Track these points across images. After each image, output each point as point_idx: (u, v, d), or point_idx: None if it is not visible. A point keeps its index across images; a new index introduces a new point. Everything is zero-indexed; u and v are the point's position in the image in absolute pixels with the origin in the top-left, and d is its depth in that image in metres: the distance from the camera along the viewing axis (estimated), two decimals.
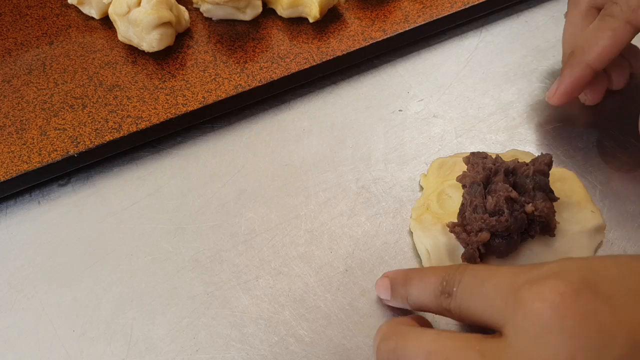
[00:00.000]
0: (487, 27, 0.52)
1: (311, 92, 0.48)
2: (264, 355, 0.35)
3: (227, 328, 0.36)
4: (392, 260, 0.38)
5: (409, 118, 0.46)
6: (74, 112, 0.44)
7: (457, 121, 0.46)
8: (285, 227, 0.40)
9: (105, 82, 0.46)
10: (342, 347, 0.35)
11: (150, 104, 0.44)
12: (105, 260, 0.39)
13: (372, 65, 0.49)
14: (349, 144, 0.44)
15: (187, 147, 0.45)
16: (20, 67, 0.47)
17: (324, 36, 0.48)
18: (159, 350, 0.35)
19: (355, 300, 0.37)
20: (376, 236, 0.40)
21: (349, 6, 0.51)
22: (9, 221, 0.41)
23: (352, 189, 0.42)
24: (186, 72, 0.47)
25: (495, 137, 0.44)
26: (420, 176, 0.42)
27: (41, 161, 0.41)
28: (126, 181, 0.43)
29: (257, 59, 0.47)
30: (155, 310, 0.37)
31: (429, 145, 0.44)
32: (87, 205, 0.42)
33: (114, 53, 0.48)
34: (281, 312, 0.37)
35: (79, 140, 0.42)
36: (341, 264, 0.38)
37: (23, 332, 0.36)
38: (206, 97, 0.45)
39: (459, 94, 0.47)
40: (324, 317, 0.36)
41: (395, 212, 0.41)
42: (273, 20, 0.50)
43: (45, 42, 0.49)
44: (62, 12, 0.52)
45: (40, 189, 0.42)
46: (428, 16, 0.49)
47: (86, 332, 0.36)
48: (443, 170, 0.41)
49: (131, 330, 0.36)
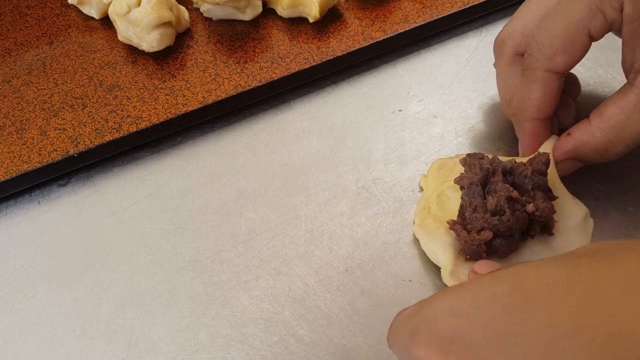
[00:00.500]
0: (487, 27, 0.52)
1: (311, 92, 0.48)
2: (264, 355, 0.35)
3: (227, 328, 0.36)
4: (392, 260, 0.38)
5: (409, 118, 0.46)
6: (74, 112, 0.44)
7: (457, 121, 0.46)
8: (285, 227, 0.40)
9: (105, 82, 0.46)
10: (342, 347, 0.35)
11: (150, 104, 0.44)
12: (105, 260, 0.39)
13: (372, 65, 0.49)
14: (349, 144, 0.44)
15: (187, 147, 0.45)
16: (20, 67, 0.47)
17: (324, 36, 0.48)
18: (159, 350, 0.35)
19: (355, 300, 0.37)
20: (376, 236, 0.40)
21: (349, 6, 0.51)
22: (9, 221, 0.41)
23: (352, 189, 0.42)
24: (186, 72, 0.47)
25: (495, 137, 0.44)
26: (420, 177, 0.42)
27: (41, 161, 0.41)
28: (126, 181, 0.43)
29: (257, 59, 0.47)
30: (155, 310, 0.37)
31: (429, 145, 0.44)
32: (87, 205, 0.42)
33: (114, 53, 0.48)
34: (281, 312, 0.37)
35: (79, 140, 0.42)
36: (341, 264, 0.38)
37: (23, 332, 0.36)
38: (206, 97, 0.45)
39: (459, 94, 0.47)
40: (324, 317, 0.36)
41: (395, 212, 0.41)
42: (273, 20, 0.50)
43: (45, 42, 0.49)
44: (62, 12, 0.52)
45: (40, 189, 0.42)
46: (428, 16, 0.49)
47: (86, 332, 0.36)
48: (443, 171, 0.41)
49: (131, 330, 0.36)
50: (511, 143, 0.44)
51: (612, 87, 0.47)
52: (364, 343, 0.35)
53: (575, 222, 0.38)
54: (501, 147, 0.44)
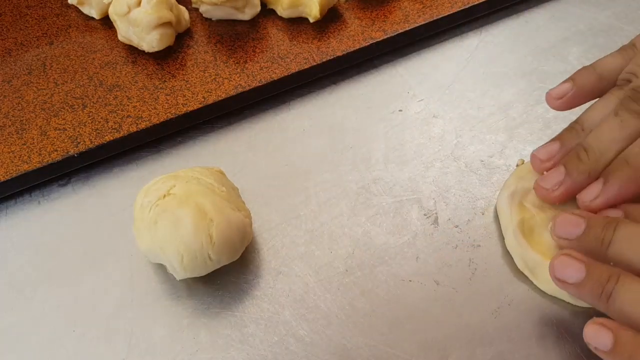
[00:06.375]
0: (487, 27, 0.52)
1: (311, 92, 0.48)
2: (264, 355, 0.35)
3: (227, 328, 0.36)
4: (392, 260, 0.38)
5: (409, 118, 0.46)
6: (74, 112, 0.44)
7: (457, 121, 0.46)
8: (285, 227, 0.40)
9: (105, 82, 0.46)
10: (342, 347, 0.35)
11: (150, 104, 0.44)
12: (105, 260, 0.39)
13: (372, 65, 0.49)
14: (349, 144, 0.44)
15: (187, 147, 0.45)
16: (20, 67, 0.47)
17: (324, 36, 0.48)
18: (159, 350, 0.35)
19: (355, 300, 0.37)
20: (376, 236, 0.40)
21: (349, 6, 0.51)
22: (9, 221, 0.41)
23: (352, 189, 0.42)
24: (186, 72, 0.47)
25: (495, 137, 0.44)
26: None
27: (41, 161, 0.41)
28: (126, 181, 0.43)
29: (257, 59, 0.47)
30: (155, 310, 0.37)
31: (429, 145, 0.44)
32: (87, 205, 0.42)
33: (114, 53, 0.48)
34: (281, 312, 0.37)
35: (79, 140, 0.42)
36: (341, 264, 0.38)
37: (23, 332, 0.36)
38: (206, 97, 0.45)
39: (459, 94, 0.47)
40: (324, 317, 0.36)
41: (395, 212, 0.41)
42: (273, 20, 0.50)
43: (45, 42, 0.49)
44: (62, 12, 0.52)
45: (40, 189, 0.42)
46: (428, 16, 0.49)
47: (86, 332, 0.36)
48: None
49: (131, 330, 0.36)
50: (511, 143, 0.44)
51: None
52: (364, 343, 0.35)
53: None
54: (502, 147, 0.44)
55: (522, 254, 0.37)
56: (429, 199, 0.41)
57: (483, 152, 0.44)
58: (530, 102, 0.46)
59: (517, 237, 0.37)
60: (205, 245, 0.34)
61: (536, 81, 0.48)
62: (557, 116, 0.45)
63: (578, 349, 0.35)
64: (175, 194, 0.35)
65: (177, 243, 0.34)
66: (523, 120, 0.45)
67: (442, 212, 0.41)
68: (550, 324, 0.36)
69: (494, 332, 0.35)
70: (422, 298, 0.37)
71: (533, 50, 0.50)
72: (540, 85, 0.47)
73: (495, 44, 0.51)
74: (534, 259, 0.36)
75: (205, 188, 0.36)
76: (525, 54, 0.50)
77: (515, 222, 0.38)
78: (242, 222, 0.36)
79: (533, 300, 0.37)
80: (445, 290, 0.37)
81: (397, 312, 0.36)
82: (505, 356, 0.35)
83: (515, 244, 0.37)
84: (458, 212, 0.40)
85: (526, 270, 0.37)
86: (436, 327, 0.36)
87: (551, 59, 0.49)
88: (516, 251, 0.38)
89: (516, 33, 0.51)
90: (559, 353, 0.35)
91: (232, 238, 0.35)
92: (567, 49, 0.50)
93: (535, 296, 0.37)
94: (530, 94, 0.47)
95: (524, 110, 0.46)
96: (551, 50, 0.50)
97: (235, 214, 0.36)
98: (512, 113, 0.46)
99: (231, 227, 0.35)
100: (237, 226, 0.35)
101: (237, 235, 0.35)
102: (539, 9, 0.53)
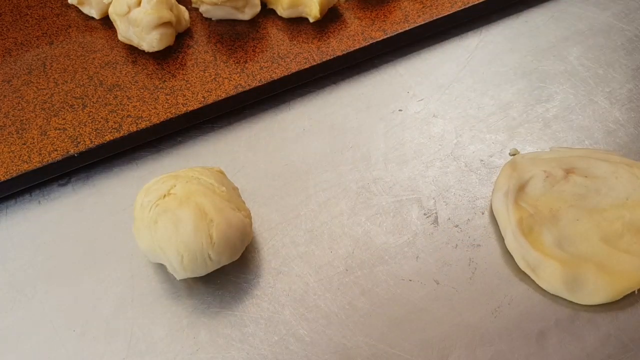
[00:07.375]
0: (487, 27, 0.52)
1: (311, 92, 0.48)
2: (264, 355, 0.35)
3: (228, 327, 0.36)
4: (392, 260, 0.38)
5: (409, 118, 0.46)
6: (74, 112, 0.44)
7: (457, 121, 0.46)
8: (285, 227, 0.40)
9: (105, 82, 0.46)
10: (342, 346, 0.35)
11: (150, 104, 0.44)
12: (105, 260, 0.39)
13: (372, 65, 0.49)
14: (349, 144, 0.44)
15: (187, 147, 0.45)
16: (20, 67, 0.47)
17: (324, 36, 0.48)
18: (159, 350, 0.35)
19: (355, 300, 0.37)
20: (376, 236, 0.40)
21: (349, 6, 0.51)
22: (9, 221, 0.41)
23: (352, 189, 0.42)
24: (186, 72, 0.47)
25: (495, 137, 0.44)
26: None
27: (41, 161, 0.41)
28: (126, 181, 0.43)
29: (257, 58, 0.47)
30: (155, 310, 0.37)
31: (429, 145, 0.44)
32: (87, 205, 0.42)
33: (114, 53, 0.48)
34: (281, 311, 0.37)
35: (79, 140, 0.42)
36: (341, 263, 0.38)
37: (23, 332, 0.36)
38: (206, 97, 0.45)
39: (459, 94, 0.47)
40: (324, 317, 0.36)
41: (395, 211, 0.41)
42: (273, 20, 0.50)
43: (45, 42, 0.49)
44: (62, 12, 0.52)
45: (40, 189, 0.42)
46: (428, 16, 0.49)
47: (86, 332, 0.36)
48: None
49: (131, 330, 0.36)
50: (511, 143, 0.44)
51: (612, 87, 0.47)
52: (364, 342, 0.35)
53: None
54: (502, 146, 0.44)
55: (523, 254, 0.37)
56: (428, 199, 0.41)
57: (483, 151, 0.44)
58: (530, 102, 0.46)
59: (517, 237, 0.37)
60: (206, 245, 0.34)
61: (536, 81, 0.48)
62: (557, 116, 0.45)
63: (578, 348, 0.35)
64: (176, 194, 0.35)
65: (177, 243, 0.34)
66: (523, 120, 0.45)
67: (442, 211, 0.41)
68: (550, 323, 0.36)
69: (493, 332, 0.35)
70: (422, 297, 0.37)
71: (533, 50, 0.50)
72: (540, 85, 0.48)
73: (495, 44, 0.51)
74: (535, 258, 0.37)
75: (205, 188, 0.36)
76: (525, 53, 0.50)
77: (514, 223, 0.38)
78: (242, 222, 0.36)
79: (533, 300, 0.37)
80: (445, 289, 0.37)
81: (397, 312, 0.36)
82: (505, 355, 0.35)
83: (516, 244, 0.37)
84: (458, 212, 0.40)
85: (528, 270, 0.37)
86: (436, 327, 0.36)
87: (551, 58, 0.49)
88: (517, 251, 0.38)
89: (516, 33, 0.51)
90: (559, 352, 0.35)
91: (232, 238, 0.35)
92: (567, 49, 0.50)
93: (535, 295, 0.37)
94: (530, 93, 0.47)
95: (523, 110, 0.46)
96: (551, 50, 0.50)
97: (235, 214, 0.36)
98: (512, 113, 0.46)
99: (231, 227, 0.35)
100: (237, 226, 0.35)
101: (237, 235, 0.35)
102: (538, 8, 0.53)
